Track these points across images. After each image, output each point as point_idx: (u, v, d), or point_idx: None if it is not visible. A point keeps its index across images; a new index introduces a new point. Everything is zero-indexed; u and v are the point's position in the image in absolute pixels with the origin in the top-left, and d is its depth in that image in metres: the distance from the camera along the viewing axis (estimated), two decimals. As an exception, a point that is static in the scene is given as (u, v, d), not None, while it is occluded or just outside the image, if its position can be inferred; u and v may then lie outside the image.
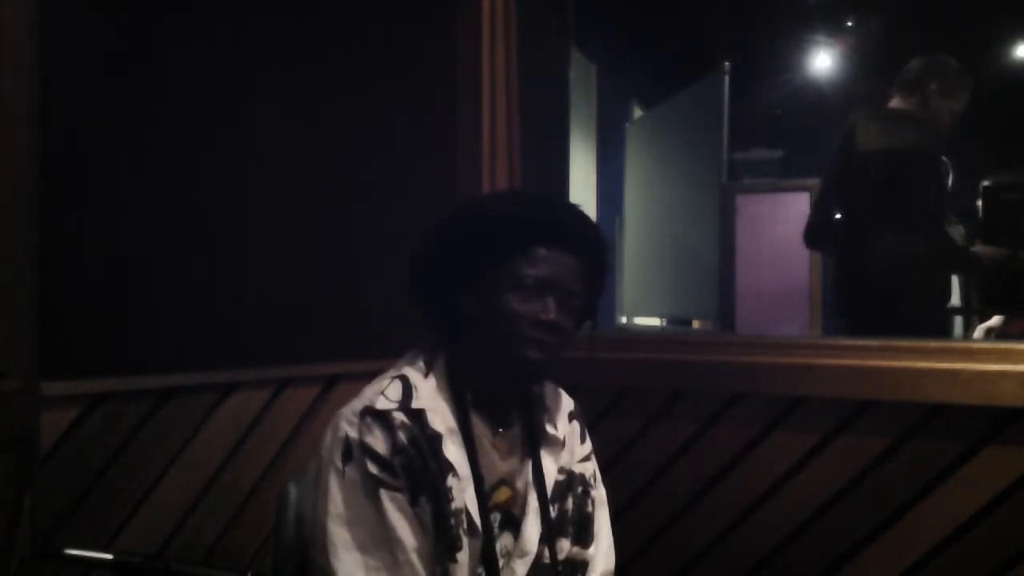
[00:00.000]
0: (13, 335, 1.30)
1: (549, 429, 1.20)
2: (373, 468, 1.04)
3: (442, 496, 1.05)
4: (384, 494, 1.03)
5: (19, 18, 1.29)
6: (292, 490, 1.22)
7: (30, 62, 1.31)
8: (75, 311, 1.51)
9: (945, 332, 2.59)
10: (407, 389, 1.10)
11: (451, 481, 1.07)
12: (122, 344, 1.58)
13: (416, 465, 1.05)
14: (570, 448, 1.23)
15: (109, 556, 1.17)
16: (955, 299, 3.11)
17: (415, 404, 1.08)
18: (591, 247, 1.16)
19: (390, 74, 2.01)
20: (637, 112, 5.47)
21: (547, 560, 1.15)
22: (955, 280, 3.03)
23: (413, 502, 1.04)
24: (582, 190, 4.26)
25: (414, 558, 1.03)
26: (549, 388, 1.25)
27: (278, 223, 1.81)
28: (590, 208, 4.53)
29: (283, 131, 1.82)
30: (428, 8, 2.07)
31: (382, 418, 1.06)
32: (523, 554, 1.13)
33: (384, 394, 1.09)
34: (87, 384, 1.50)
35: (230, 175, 1.73)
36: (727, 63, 3.57)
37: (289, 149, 1.83)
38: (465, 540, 1.07)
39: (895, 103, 2.48)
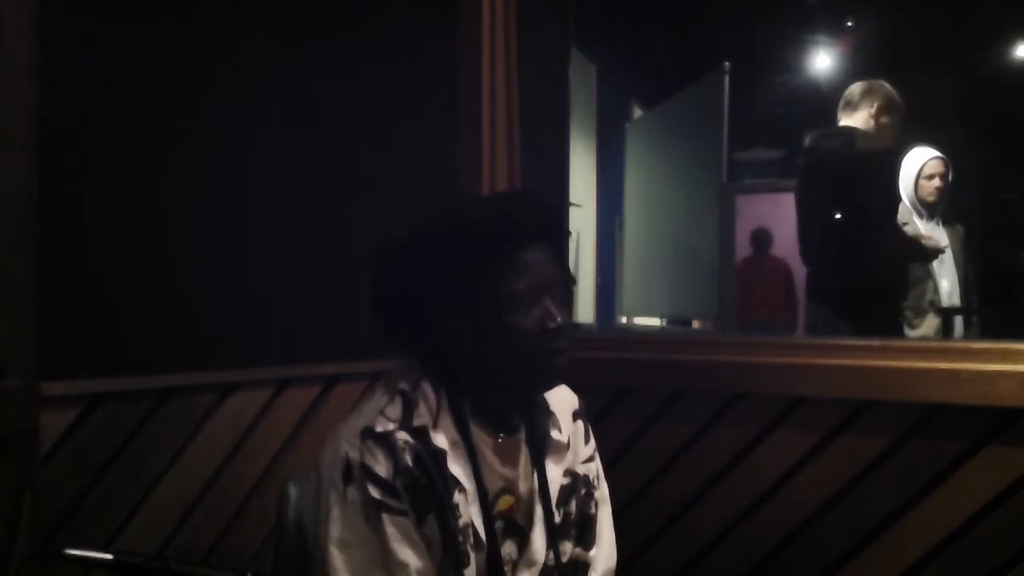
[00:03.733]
0: (13, 335, 1.30)
1: (554, 434, 1.18)
2: (375, 492, 1.01)
3: (449, 513, 1.04)
4: (386, 519, 1.01)
5: (19, 18, 1.29)
6: (292, 490, 1.22)
7: (30, 62, 1.31)
8: (75, 311, 1.51)
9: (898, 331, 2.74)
10: (407, 406, 1.08)
11: (457, 497, 1.05)
12: (122, 344, 1.58)
13: (421, 484, 1.03)
14: (574, 449, 1.22)
15: (109, 556, 1.16)
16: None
17: (417, 422, 1.06)
18: (554, 229, 1.14)
19: (390, 74, 2.01)
20: (637, 112, 5.47)
21: (550, 563, 1.14)
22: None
23: (420, 522, 1.02)
24: (582, 190, 4.26)
25: None
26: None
27: (278, 223, 1.81)
28: (590, 208, 4.55)
29: (283, 131, 1.81)
30: (428, 8, 2.07)
31: (384, 440, 1.03)
32: (531, 564, 1.12)
33: (384, 413, 1.06)
34: (87, 384, 1.50)
35: (230, 175, 1.73)
36: (727, 63, 3.57)
37: (289, 149, 1.83)
38: (472, 555, 1.06)
39: (843, 122, 2.72)
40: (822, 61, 5.43)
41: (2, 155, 1.26)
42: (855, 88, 2.70)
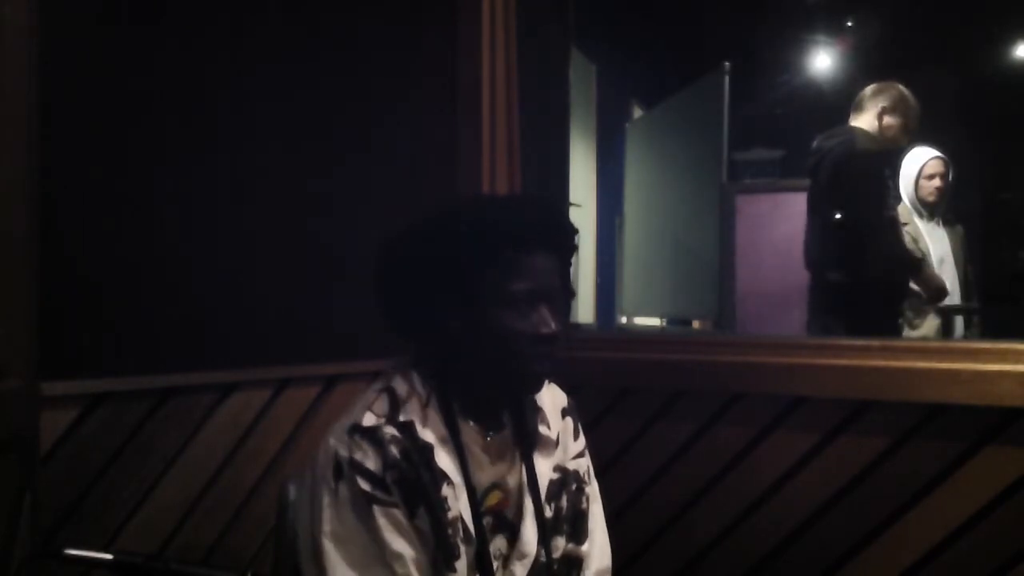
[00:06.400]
0: (13, 335, 1.30)
1: (542, 430, 1.19)
2: (365, 485, 1.02)
3: (438, 506, 1.05)
4: (377, 510, 1.02)
5: (19, 18, 1.28)
6: (291, 491, 1.22)
7: (30, 62, 1.31)
8: (75, 311, 1.51)
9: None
10: (394, 402, 1.09)
11: (445, 490, 1.06)
12: (122, 344, 1.58)
13: (410, 477, 1.04)
14: (563, 446, 1.23)
15: (109, 556, 1.16)
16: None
17: (403, 416, 1.08)
18: (564, 239, 1.15)
19: (390, 74, 2.01)
20: (637, 112, 5.48)
21: (543, 559, 1.15)
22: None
23: (411, 515, 1.03)
24: (582, 190, 4.27)
25: (413, 570, 1.03)
26: None
27: (278, 224, 1.80)
28: (590, 208, 4.54)
29: (283, 131, 1.81)
30: (428, 8, 2.07)
31: (371, 434, 1.05)
32: (522, 556, 1.13)
33: (371, 409, 1.08)
34: (87, 384, 1.50)
35: (230, 175, 1.73)
36: (727, 63, 3.57)
37: (288, 150, 1.83)
38: (463, 548, 1.07)
39: (851, 123, 2.75)
40: (822, 61, 5.42)
41: (2, 154, 1.26)
42: (867, 89, 2.75)
